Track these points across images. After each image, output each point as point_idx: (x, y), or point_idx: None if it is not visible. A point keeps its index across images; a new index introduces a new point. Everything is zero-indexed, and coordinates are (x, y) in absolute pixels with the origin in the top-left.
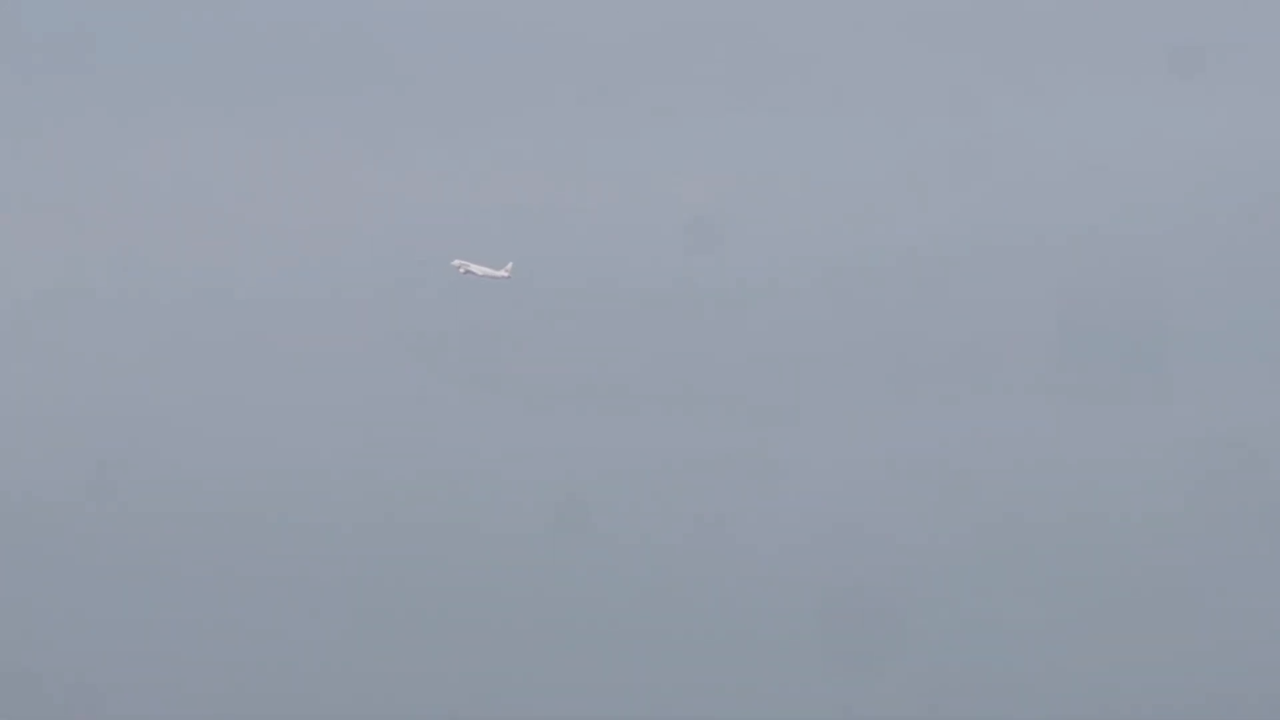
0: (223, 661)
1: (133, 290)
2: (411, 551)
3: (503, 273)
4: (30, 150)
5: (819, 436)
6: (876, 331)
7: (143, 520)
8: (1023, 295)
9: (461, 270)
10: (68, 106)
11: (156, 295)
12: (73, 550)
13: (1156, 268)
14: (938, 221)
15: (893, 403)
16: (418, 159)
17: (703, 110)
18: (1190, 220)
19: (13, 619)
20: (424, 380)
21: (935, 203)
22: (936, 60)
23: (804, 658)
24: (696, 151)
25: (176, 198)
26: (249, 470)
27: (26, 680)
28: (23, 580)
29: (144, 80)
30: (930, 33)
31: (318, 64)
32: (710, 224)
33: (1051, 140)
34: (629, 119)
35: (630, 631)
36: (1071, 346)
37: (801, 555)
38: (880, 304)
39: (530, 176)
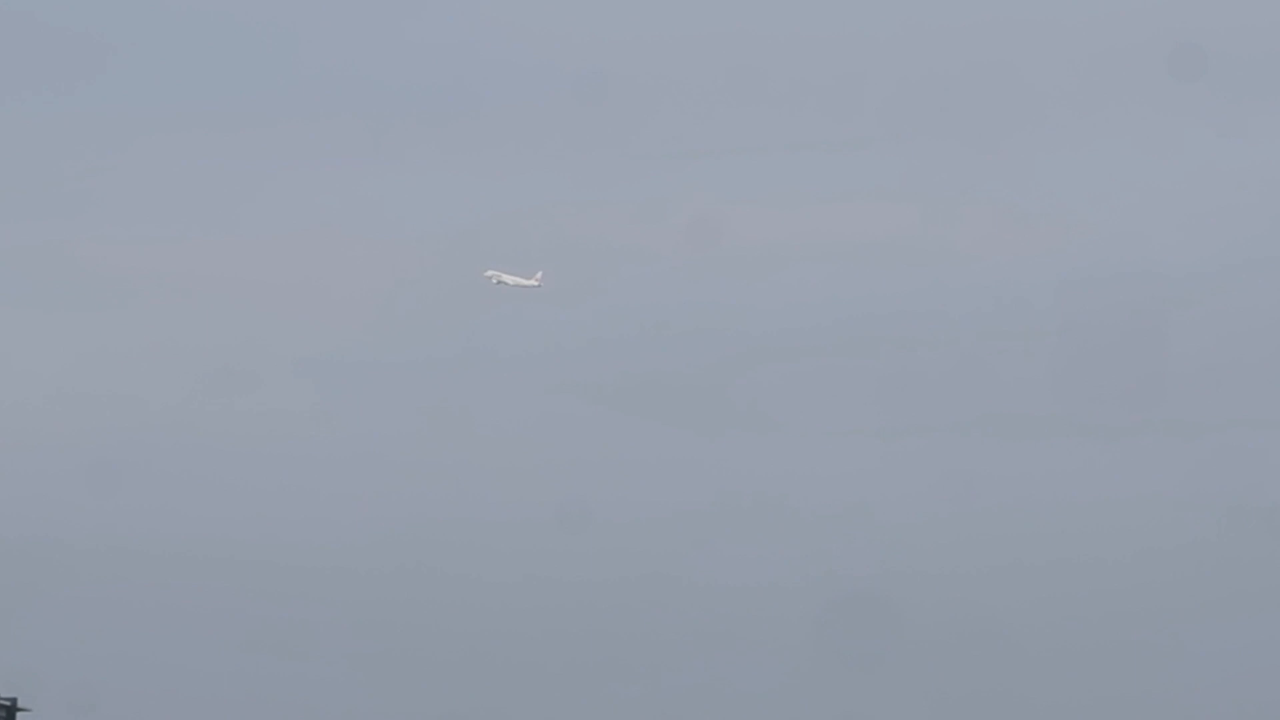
0: None
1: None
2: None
3: (533, 281)
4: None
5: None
6: (900, 365)
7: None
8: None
9: (494, 280)
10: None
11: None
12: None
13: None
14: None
15: (909, 434)
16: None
17: (724, 141)
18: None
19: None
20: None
21: (957, 244)
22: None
23: (805, 664)
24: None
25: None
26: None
27: None
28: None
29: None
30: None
31: (365, 96)
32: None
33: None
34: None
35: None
36: (1084, 384)
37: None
38: (902, 339)
39: (552, 197)
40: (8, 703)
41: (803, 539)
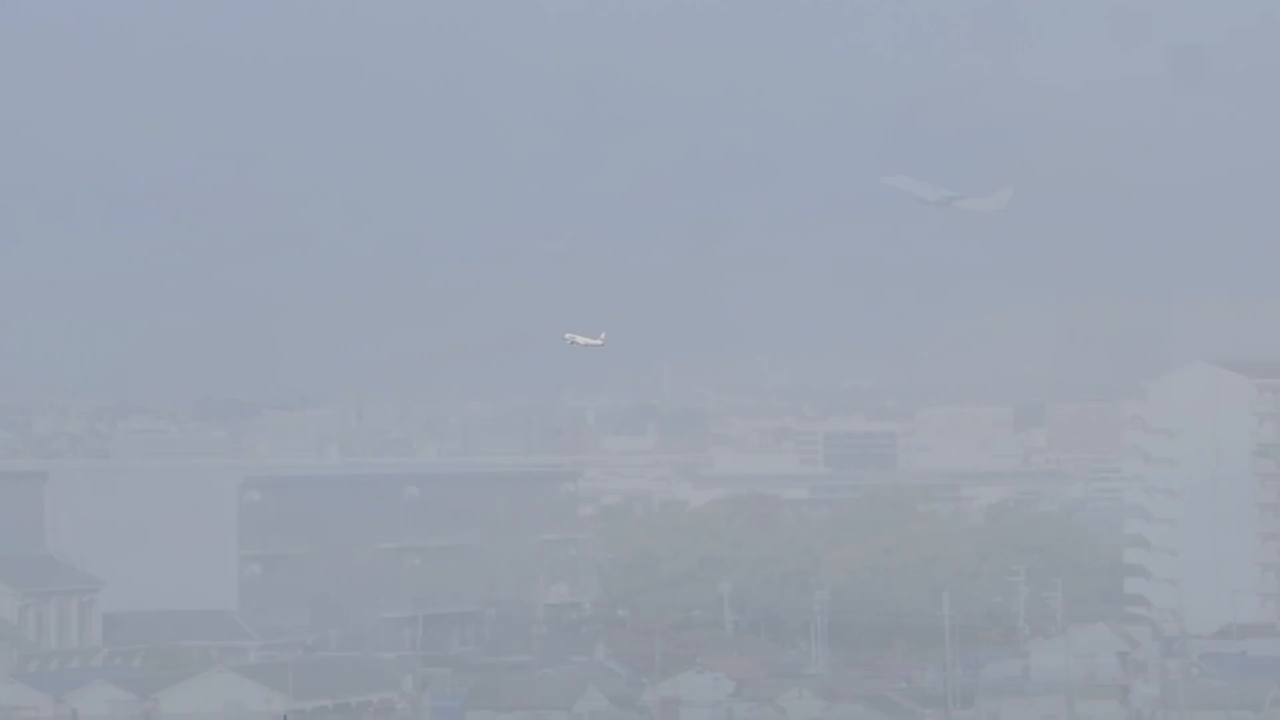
0: None
1: None
2: None
3: (598, 341)
4: None
5: None
6: None
7: None
8: None
9: (570, 341)
10: None
11: None
12: None
13: None
14: None
15: None
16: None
17: None
18: None
19: None
20: None
21: None
22: None
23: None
24: None
25: None
26: None
27: None
28: None
29: None
30: None
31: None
32: None
33: None
34: None
35: None
36: None
37: None
38: None
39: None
40: None
41: None
